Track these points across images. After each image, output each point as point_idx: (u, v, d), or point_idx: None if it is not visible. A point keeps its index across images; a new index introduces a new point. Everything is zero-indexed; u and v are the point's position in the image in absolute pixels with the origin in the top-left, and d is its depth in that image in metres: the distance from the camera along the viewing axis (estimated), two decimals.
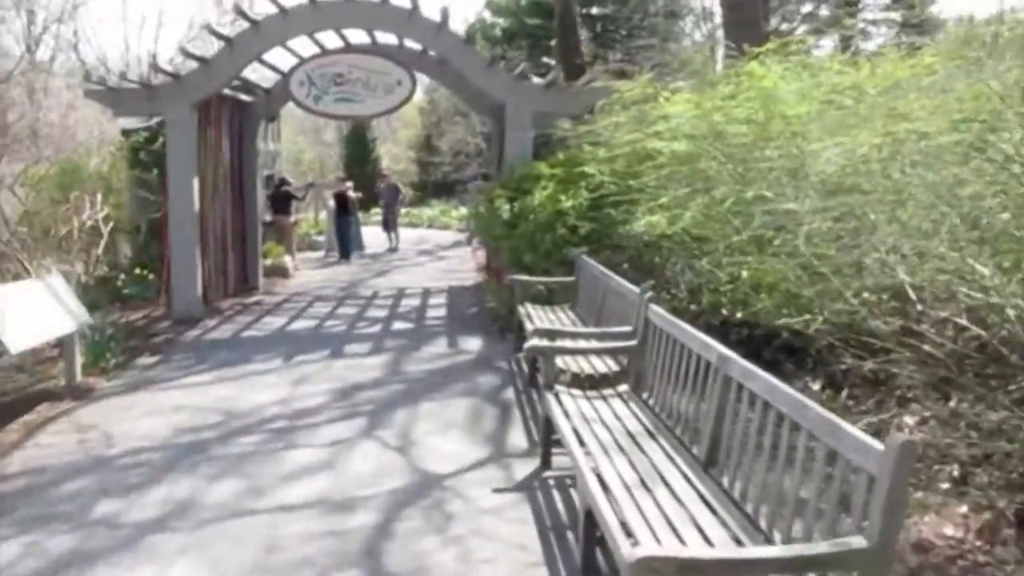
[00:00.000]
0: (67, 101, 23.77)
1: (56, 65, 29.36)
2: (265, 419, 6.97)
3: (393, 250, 20.44)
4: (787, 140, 6.44)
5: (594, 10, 32.54)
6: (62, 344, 8.27)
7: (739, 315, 7.22)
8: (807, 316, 5.64)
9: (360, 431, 6.60)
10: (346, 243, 18.99)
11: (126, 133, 15.79)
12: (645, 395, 5.44)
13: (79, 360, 8.39)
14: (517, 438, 6.38)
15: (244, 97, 13.99)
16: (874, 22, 30.53)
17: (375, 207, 25.71)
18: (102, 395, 7.95)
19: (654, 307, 5.56)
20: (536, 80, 11.84)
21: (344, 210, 19.16)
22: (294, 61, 12.32)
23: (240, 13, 10.69)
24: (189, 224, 11.40)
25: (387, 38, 12.49)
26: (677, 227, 6.42)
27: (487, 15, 32.81)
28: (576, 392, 5.64)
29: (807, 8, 29.49)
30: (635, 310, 6.00)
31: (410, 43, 12.70)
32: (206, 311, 11.95)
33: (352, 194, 19.67)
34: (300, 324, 11.22)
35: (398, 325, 11.05)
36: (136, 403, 7.57)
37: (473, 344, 9.81)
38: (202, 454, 6.11)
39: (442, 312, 11.93)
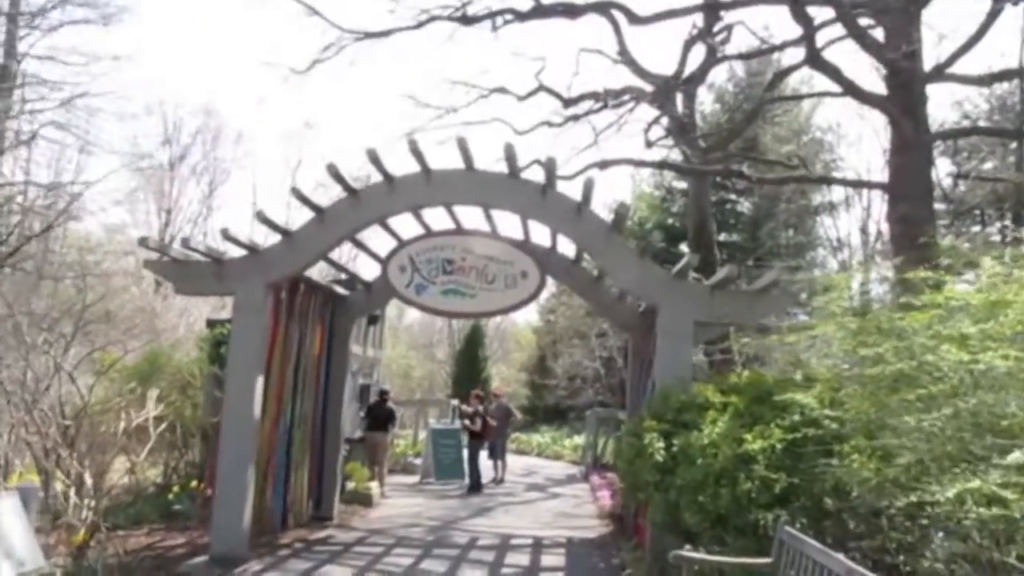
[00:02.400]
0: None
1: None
2: None
3: (498, 481, 17.23)
4: None
5: (722, 237, 30.46)
6: None
7: None
8: None
9: None
10: (477, 472, 15.99)
11: (211, 324, 13.72)
12: None
13: None
14: None
15: (339, 289, 11.65)
16: None
17: None
18: None
19: None
20: (698, 279, 9.04)
21: (479, 435, 16.31)
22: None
23: (335, 176, 8.38)
24: (245, 434, 8.71)
25: (508, 226, 10.03)
26: None
27: None
28: None
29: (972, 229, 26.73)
30: None
31: (536, 235, 10.23)
32: (258, 547, 9.05)
33: (491, 420, 16.78)
34: None
35: None
36: None
37: None
38: None
39: None
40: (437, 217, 9.70)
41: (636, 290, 8.83)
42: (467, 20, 16.64)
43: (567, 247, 11.51)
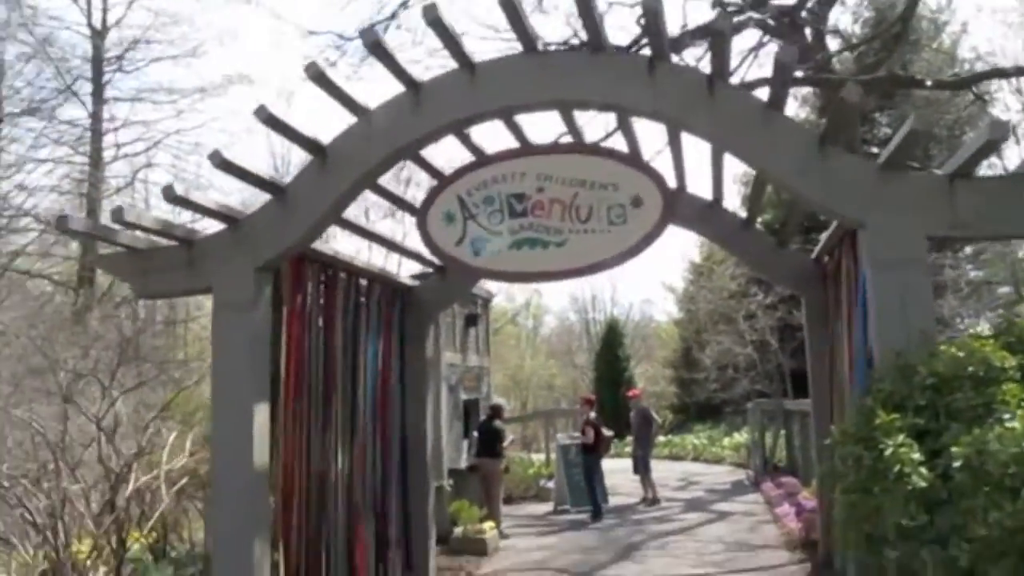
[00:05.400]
0: None
1: None
2: None
3: (650, 502, 13.63)
4: None
5: None
6: None
7: None
8: None
9: None
10: (596, 495, 12.56)
11: None
12: None
13: None
14: None
15: (402, 279, 8.48)
16: None
17: (628, 434, 18.94)
18: None
19: None
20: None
21: (593, 448, 12.84)
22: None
23: (318, 79, 5.11)
24: (244, 493, 5.55)
25: (599, 131, 6.51)
26: None
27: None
28: None
29: None
30: None
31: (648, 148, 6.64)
32: None
33: (605, 430, 13.47)
34: None
35: None
36: None
37: None
38: None
39: None
40: (493, 137, 6.31)
41: (820, 199, 5.14)
42: None
43: (700, 184, 8.00)
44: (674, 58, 7.51)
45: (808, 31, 16.81)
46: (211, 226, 6.29)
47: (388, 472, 8.12)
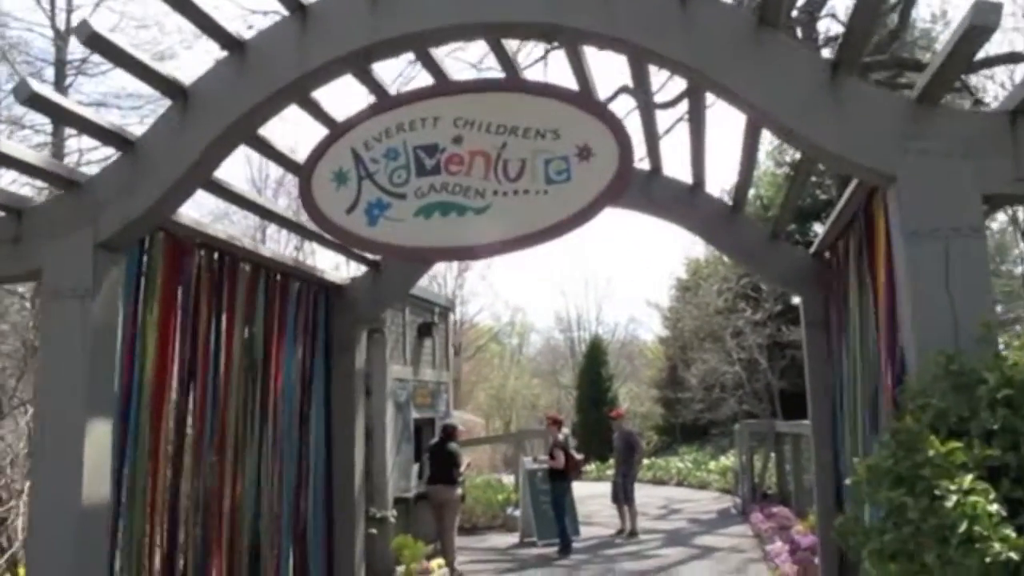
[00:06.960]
0: None
1: None
2: None
3: (629, 533, 12.15)
4: None
5: None
6: None
7: None
8: None
9: None
10: (564, 525, 11.07)
11: None
12: None
13: None
14: None
15: (328, 275, 7.05)
16: None
17: (611, 457, 17.35)
18: None
19: None
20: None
21: (561, 473, 11.31)
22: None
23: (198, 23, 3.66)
24: (71, 531, 4.06)
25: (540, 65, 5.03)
26: None
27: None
28: None
29: None
30: None
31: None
32: None
33: (575, 453, 11.98)
34: None
35: None
36: None
37: None
38: None
39: None
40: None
41: (835, 146, 3.70)
42: None
43: (678, 165, 6.67)
44: None
45: (799, 31, 15.64)
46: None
47: (306, 506, 6.68)
